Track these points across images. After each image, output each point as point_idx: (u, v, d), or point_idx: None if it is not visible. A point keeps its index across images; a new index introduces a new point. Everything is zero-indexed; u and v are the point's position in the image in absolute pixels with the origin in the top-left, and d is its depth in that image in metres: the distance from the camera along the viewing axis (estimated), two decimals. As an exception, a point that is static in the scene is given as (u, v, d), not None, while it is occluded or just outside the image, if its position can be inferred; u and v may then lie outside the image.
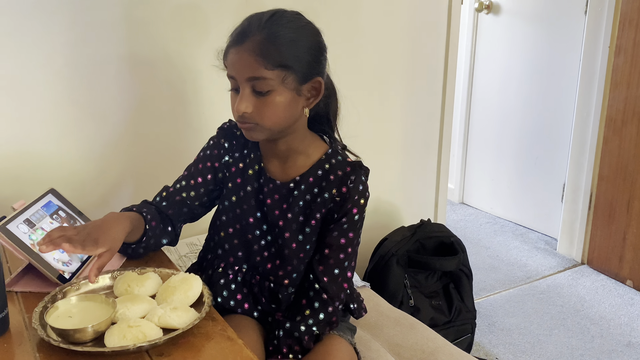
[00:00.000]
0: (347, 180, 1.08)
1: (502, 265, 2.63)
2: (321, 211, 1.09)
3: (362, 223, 1.13)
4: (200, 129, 1.64)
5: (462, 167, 3.31)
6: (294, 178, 1.11)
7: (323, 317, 1.10)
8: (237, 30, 1.02)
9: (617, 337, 2.10)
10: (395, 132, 2.08)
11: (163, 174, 1.51)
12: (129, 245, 1.10)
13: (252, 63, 0.98)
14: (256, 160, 1.14)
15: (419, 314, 1.80)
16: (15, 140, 1.43)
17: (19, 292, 1.01)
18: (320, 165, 1.11)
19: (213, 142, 1.17)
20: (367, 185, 1.11)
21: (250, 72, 0.99)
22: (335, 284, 1.10)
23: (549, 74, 2.75)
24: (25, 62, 1.40)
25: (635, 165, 2.35)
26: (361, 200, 1.09)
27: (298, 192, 1.10)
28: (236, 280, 1.15)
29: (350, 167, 1.10)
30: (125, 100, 1.54)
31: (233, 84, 1.03)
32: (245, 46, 0.99)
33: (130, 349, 0.82)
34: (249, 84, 1.00)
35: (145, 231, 1.09)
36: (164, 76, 1.58)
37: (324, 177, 1.10)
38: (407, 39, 2.00)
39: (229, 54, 1.01)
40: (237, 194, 1.14)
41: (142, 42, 1.52)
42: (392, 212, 2.16)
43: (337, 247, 1.10)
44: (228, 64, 1.02)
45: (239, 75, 1.00)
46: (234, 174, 1.15)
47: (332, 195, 1.08)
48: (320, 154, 1.12)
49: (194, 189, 1.16)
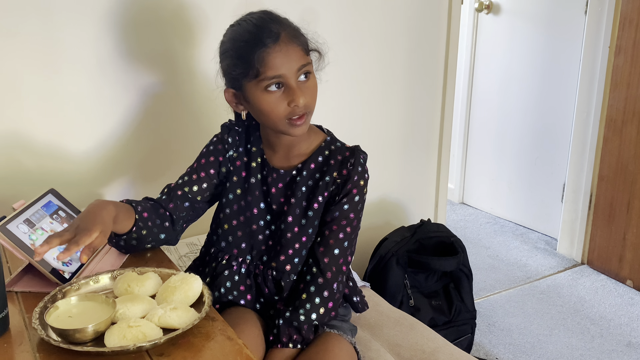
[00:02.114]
0: (347, 163, 1.13)
1: (502, 265, 2.63)
2: (323, 194, 1.14)
3: (363, 206, 1.16)
4: (201, 129, 1.64)
5: (462, 167, 3.31)
6: (297, 165, 1.15)
7: (319, 302, 1.10)
8: (256, 35, 1.04)
9: (617, 337, 2.10)
10: (395, 132, 2.08)
11: (163, 174, 1.52)
12: (120, 237, 1.09)
13: (298, 52, 1.05)
14: (259, 153, 1.18)
15: (419, 314, 1.80)
16: (15, 140, 1.43)
17: (19, 292, 1.01)
18: (321, 152, 1.16)
19: (217, 138, 1.21)
20: (366, 168, 1.16)
21: (300, 61, 1.05)
22: (335, 264, 1.12)
23: (549, 74, 2.75)
24: (24, 63, 1.40)
25: (635, 165, 2.35)
26: (361, 182, 1.14)
27: (300, 178, 1.14)
28: (240, 271, 1.17)
29: (349, 151, 1.15)
30: (125, 100, 1.54)
31: (275, 83, 1.05)
32: (284, 41, 1.04)
33: (130, 349, 0.82)
34: (297, 74, 1.05)
35: (135, 221, 1.08)
36: (164, 76, 1.58)
37: (325, 162, 1.15)
38: (407, 39, 2.00)
39: (269, 55, 1.03)
40: (242, 186, 1.18)
41: (142, 42, 1.52)
42: (392, 212, 2.16)
43: (338, 226, 1.13)
44: (271, 66, 1.03)
45: (289, 70, 1.04)
46: (239, 168, 1.18)
47: (333, 178, 1.13)
48: (320, 141, 1.17)
49: (197, 183, 1.18)
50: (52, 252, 1.05)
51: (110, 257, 1.16)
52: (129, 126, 1.56)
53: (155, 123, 1.60)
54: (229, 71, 1.09)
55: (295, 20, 1.12)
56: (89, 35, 1.45)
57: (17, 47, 1.38)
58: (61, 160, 1.50)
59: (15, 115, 1.42)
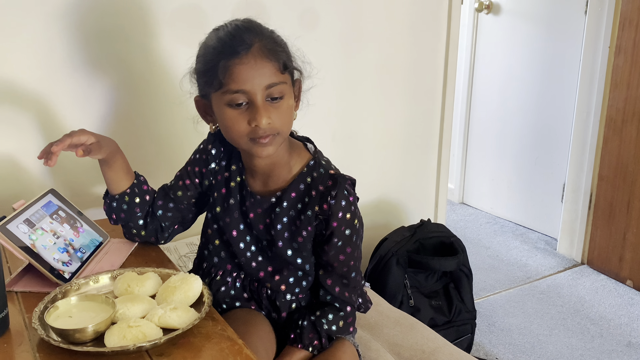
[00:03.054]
0: (328, 196, 1.03)
1: (502, 265, 2.63)
2: (307, 229, 1.06)
3: (361, 234, 1.10)
4: (201, 129, 1.63)
5: (462, 167, 3.31)
6: (276, 193, 1.07)
7: (343, 315, 1.11)
8: (226, 42, 0.95)
9: (617, 337, 2.10)
10: (396, 131, 2.08)
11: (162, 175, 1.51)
12: (113, 197, 1.14)
13: (269, 69, 0.94)
14: (238, 172, 1.11)
15: (419, 314, 1.80)
16: (15, 140, 1.43)
17: (19, 292, 1.01)
18: (302, 179, 1.06)
19: (202, 146, 1.15)
20: (352, 198, 1.05)
21: (269, 79, 0.95)
22: (347, 289, 1.11)
23: (549, 74, 2.75)
24: (23, 63, 1.40)
25: (635, 165, 2.35)
26: (347, 215, 1.03)
27: (280, 209, 1.06)
28: (235, 286, 1.14)
29: (332, 180, 1.04)
30: (124, 100, 1.54)
31: (238, 99, 0.95)
32: (255, 53, 0.94)
33: (130, 349, 0.82)
34: (264, 92, 0.95)
35: (132, 185, 1.13)
36: (164, 76, 1.58)
37: (306, 192, 1.05)
38: (407, 39, 2.00)
39: (234, 67, 0.94)
40: (221, 204, 1.12)
41: (142, 43, 1.52)
42: (392, 212, 2.16)
43: (339, 263, 1.08)
44: (234, 79, 0.94)
45: (254, 86, 0.94)
46: (220, 183, 1.12)
47: (315, 213, 1.04)
48: (303, 165, 1.07)
49: (182, 189, 1.16)
50: (52, 253, 1.05)
51: (111, 257, 1.16)
52: (128, 126, 1.56)
53: (155, 124, 1.60)
54: (198, 78, 1.02)
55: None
56: (88, 36, 1.45)
57: (17, 47, 1.38)
58: (61, 160, 1.49)
59: (16, 115, 1.42)
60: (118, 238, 1.24)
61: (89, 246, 1.15)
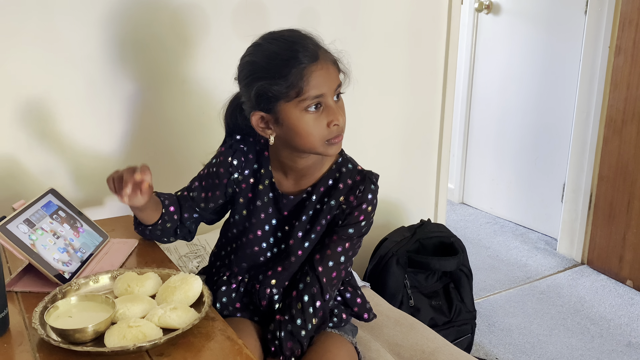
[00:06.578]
0: (357, 189, 1.10)
1: (502, 265, 2.63)
2: (326, 217, 1.11)
3: (368, 229, 1.14)
4: (201, 130, 1.64)
5: (462, 167, 3.31)
6: (306, 189, 1.12)
7: (312, 312, 1.10)
8: (296, 51, 0.99)
9: (617, 337, 2.10)
10: (396, 132, 2.08)
11: (163, 175, 1.52)
12: (146, 227, 1.17)
13: (334, 70, 1.04)
14: (267, 175, 1.13)
15: (418, 314, 1.80)
16: (15, 140, 1.43)
17: (19, 292, 1.01)
18: (332, 174, 1.12)
19: (221, 159, 1.15)
20: (376, 194, 1.12)
21: (336, 80, 1.04)
22: (327, 276, 1.11)
23: (549, 74, 2.75)
24: (24, 63, 1.40)
25: (635, 165, 2.35)
26: (369, 208, 1.11)
27: (309, 202, 1.11)
28: (238, 290, 1.17)
29: (360, 175, 1.12)
30: (125, 101, 1.54)
31: (315, 103, 1.01)
32: (324, 59, 1.02)
33: (130, 349, 0.82)
34: (334, 93, 1.03)
35: (161, 215, 1.16)
36: (164, 76, 1.58)
37: (334, 185, 1.11)
38: (407, 39, 2.00)
39: (312, 73, 0.99)
40: (247, 207, 1.15)
41: (142, 43, 1.52)
42: (392, 212, 2.16)
43: (338, 238, 1.10)
44: (314, 84, 0.99)
45: (330, 88, 1.01)
46: (245, 190, 1.15)
47: (339, 203, 1.10)
48: (332, 162, 1.13)
49: (204, 201, 1.18)
50: (52, 253, 1.05)
51: (111, 257, 1.16)
52: (130, 127, 1.56)
53: (156, 124, 1.60)
54: (264, 92, 1.00)
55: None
56: (88, 36, 1.45)
57: (17, 47, 1.38)
58: (61, 160, 1.50)
59: (15, 115, 1.42)
60: (118, 238, 1.24)
61: (89, 246, 1.15)
